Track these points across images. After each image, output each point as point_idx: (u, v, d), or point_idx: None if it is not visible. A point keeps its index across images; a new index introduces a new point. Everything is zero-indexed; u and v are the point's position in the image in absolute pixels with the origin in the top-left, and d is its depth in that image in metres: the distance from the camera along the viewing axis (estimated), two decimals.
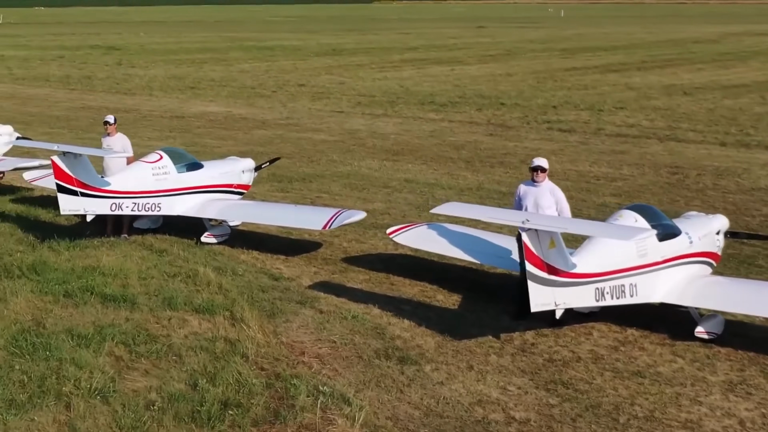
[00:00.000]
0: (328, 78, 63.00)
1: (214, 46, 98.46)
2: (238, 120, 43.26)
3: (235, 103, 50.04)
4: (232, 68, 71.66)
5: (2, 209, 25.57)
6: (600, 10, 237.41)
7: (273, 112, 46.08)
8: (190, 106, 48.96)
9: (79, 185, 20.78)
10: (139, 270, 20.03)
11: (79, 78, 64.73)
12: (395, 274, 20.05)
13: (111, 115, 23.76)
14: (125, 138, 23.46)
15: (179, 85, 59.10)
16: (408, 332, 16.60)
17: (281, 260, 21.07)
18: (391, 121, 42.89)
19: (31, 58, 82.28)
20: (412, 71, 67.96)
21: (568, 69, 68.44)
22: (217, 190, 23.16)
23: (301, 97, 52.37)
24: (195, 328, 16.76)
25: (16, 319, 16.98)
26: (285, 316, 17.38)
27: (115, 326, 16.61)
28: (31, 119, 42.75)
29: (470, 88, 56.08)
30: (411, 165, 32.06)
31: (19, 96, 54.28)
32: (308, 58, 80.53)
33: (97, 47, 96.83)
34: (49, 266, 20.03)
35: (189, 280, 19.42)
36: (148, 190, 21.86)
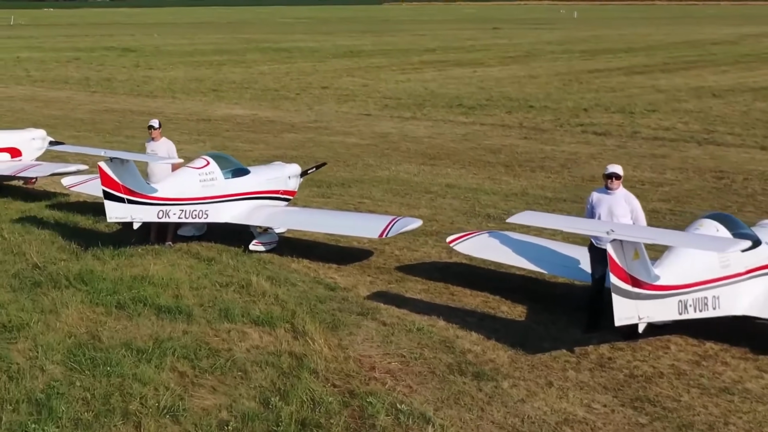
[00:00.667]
0: (351, 80, 62.23)
1: (230, 47, 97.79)
2: (266, 123, 42.56)
3: (259, 105, 49.34)
4: (252, 70, 70.86)
5: (40, 215, 24.84)
6: (612, 12, 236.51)
7: (300, 115, 45.32)
8: (214, 108, 48.23)
9: (126, 192, 20.12)
10: (190, 280, 19.38)
11: (98, 80, 64.01)
12: (454, 284, 19.39)
13: (155, 120, 23.10)
14: (170, 143, 22.82)
15: (201, 88, 58.39)
16: (478, 345, 15.95)
17: (334, 269, 20.37)
18: (421, 124, 42.18)
19: (47, 60, 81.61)
20: (434, 73, 67.23)
21: (591, 71, 67.54)
22: (263, 197, 22.25)
23: (326, 99, 51.64)
24: (256, 341, 16.09)
25: (69, 331, 16.34)
26: (348, 329, 16.73)
27: (173, 340, 15.98)
28: (55, 122, 42.09)
29: (496, 90, 55.31)
30: (450, 169, 31.37)
31: (39, 98, 53.65)
32: (327, 60, 79.87)
33: (111, 49, 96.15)
34: (96, 276, 19.38)
35: (242, 290, 18.73)
36: (196, 196, 21.23)
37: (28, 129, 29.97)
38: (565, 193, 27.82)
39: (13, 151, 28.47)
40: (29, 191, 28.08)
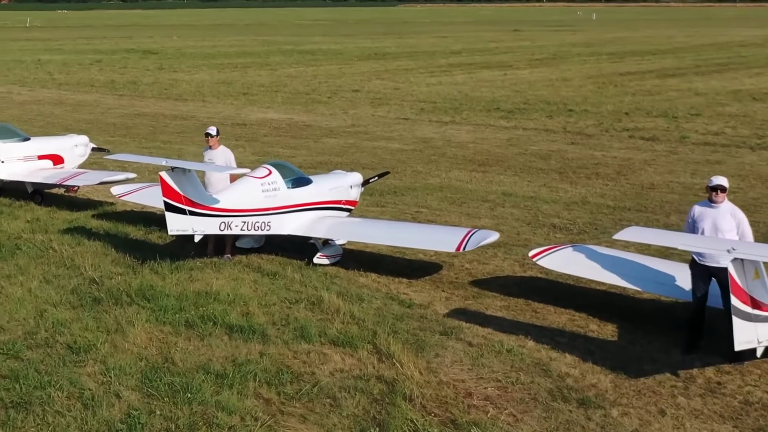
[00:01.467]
0: (381, 83, 61.32)
1: (252, 50, 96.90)
2: (303, 127, 41.57)
3: (293, 109, 48.39)
4: (278, 73, 70.02)
5: (88, 226, 24.00)
6: (629, 14, 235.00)
7: (336, 119, 44.36)
8: (247, 112, 47.33)
9: (188, 203, 19.12)
10: (257, 296, 18.33)
11: (124, 83, 63.10)
12: (534, 300, 18.45)
13: (213, 127, 22.06)
14: (228, 151, 21.80)
15: (230, 91, 57.45)
16: (575, 368, 14.96)
17: (405, 284, 19.41)
18: (462, 128, 41.24)
19: (69, 63, 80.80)
20: (463, 76, 66.32)
21: (623, 74, 66.55)
22: (326, 207, 21.20)
23: (359, 103, 50.69)
24: (339, 364, 15.11)
25: (140, 353, 15.36)
26: (433, 350, 15.77)
27: (252, 362, 15.03)
28: (87, 126, 41.14)
29: (531, 93, 54.29)
30: (502, 176, 30.41)
31: (67, 102, 52.76)
32: (352, 63, 79.03)
33: (132, 51, 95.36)
34: (158, 291, 18.41)
35: (314, 307, 17.79)
36: (258, 207, 20.24)
37: (70, 135, 29.03)
38: (627, 202, 26.82)
39: (56, 158, 27.67)
40: (73, 199, 27.21)
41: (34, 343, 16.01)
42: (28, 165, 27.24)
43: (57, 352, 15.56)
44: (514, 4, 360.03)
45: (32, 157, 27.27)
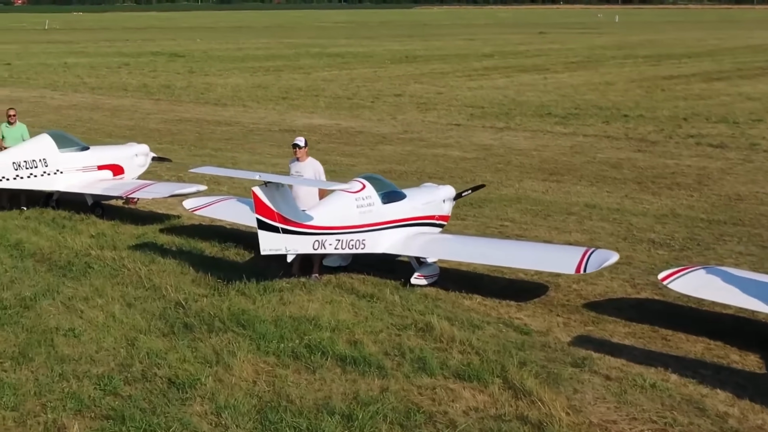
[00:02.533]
0: (421, 87, 59.87)
1: (279, 53, 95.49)
2: (354, 134, 40.13)
3: (338, 114, 46.94)
4: (312, 77, 68.61)
5: (157, 241, 22.88)
6: (649, 16, 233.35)
7: (386, 125, 42.97)
8: (292, 118, 45.89)
9: (281, 221, 17.54)
10: (360, 321, 16.73)
11: (158, 87, 61.71)
12: (660, 326, 16.99)
13: (301, 137, 20.54)
14: (317, 163, 20.29)
15: (268, 95, 56.05)
16: (733, 406, 13.70)
17: (514, 307, 17.97)
18: (519, 135, 39.92)
19: (97, 66, 79.44)
20: (503, 80, 65.01)
21: (665, 77, 65.14)
22: (420, 223, 19.65)
23: (405, 108, 49.31)
24: (470, 401, 13.77)
25: (249, 389, 14.00)
26: (570, 385, 14.26)
27: (376, 400, 13.47)
28: (130, 133, 39.75)
29: (579, 98, 52.93)
30: (579, 187, 29.01)
31: (104, 107, 51.40)
32: (386, 66, 77.52)
33: (158, 54, 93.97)
34: (251, 316, 16.94)
35: (425, 334, 16.40)
36: (353, 224, 18.70)
37: (130, 144, 27.65)
38: (719, 214, 25.45)
39: (116, 168, 26.28)
40: (134, 212, 25.89)
41: (130, 376, 14.60)
42: (87, 176, 25.64)
43: (158, 388, 14.14)
44: (531, 6, 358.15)
45: (92, 167, 25.83)
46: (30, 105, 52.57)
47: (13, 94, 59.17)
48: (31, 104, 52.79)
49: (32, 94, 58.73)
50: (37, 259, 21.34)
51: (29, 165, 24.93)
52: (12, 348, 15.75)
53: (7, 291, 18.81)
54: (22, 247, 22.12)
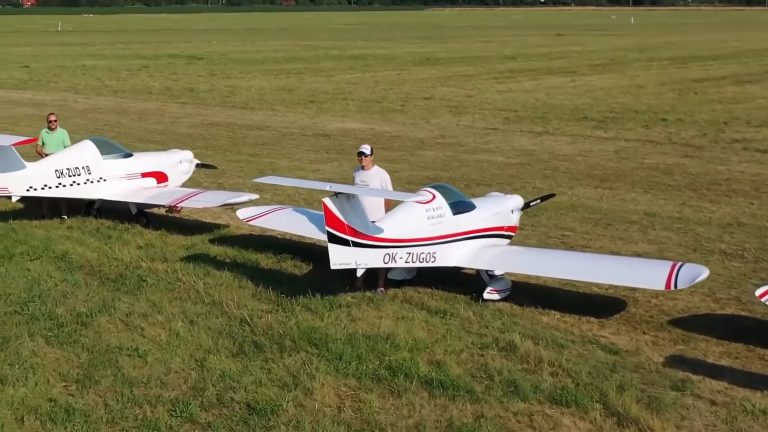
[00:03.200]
0: (449, 90, 59.06)
1: (298, 55, 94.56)
2: (391, 139, 39.20)
3: (370, 118, 46.04)
4: (336, 79, 67.74)
5: (210, 252, 22.15)
6: (666, 17, 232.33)
7: (421, 130, 42.08)
8: (323, 121, 44.95)
9: (352, 233, 16.57)
10: (437, 339, 15.85)
11: (182, 90, 60.83)
12: (756, 345, 15.87)
13: (367, 145, 19.62)
14: (383, 172, 19.39)
15: (295, 99, 55.21)
16: None
17: (595, 324, 17.16)
18: (559, 139, 39.01)
19: (116, 68, 78.48)
20: (531, 83, 64.10)
21: (695, 80, 64.30)
22: (490, 235, 18.66)
23: (437, 111, 48.48)
24: (572, 429, 13.09)
25: (336, 416, 13.36)
26: (675, 411, 13.41)
27: (473, 429, 12.93)
28: (162, 138, 38.94)
29: (612, 101, 52.21)
30: (633, 194, 28.19)
31: (129, 111, 50.45)
32: (408, 68, 76.62)
33: (176, 56, 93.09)
34: (321, 334, 16.14)
35: (509, 354, 15.59)
36: (424, 237, 17.79)
37: (173, 150, 26.75)
38: None
39: (159, 175, 25.26)
40: (179, 221, 25.17)
41: (206, 401, 13.73)
42: (131, 184, 24.67)
43: (238, 414, 13.36)
44: (542, 8, 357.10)
45: (135, 174, 24.87)
46: (54, 109, 51.22)
47: (35, 97, 58.29)
48: (56, 108, 51.64)
49: (54, 97, 57.77)
50: (87, 271, 20.46)
51: (72, 172, 24.03)
52: (76, 370, 14.88)
53: (61, 306, 17.86)
54: (69, 259, 21.19)
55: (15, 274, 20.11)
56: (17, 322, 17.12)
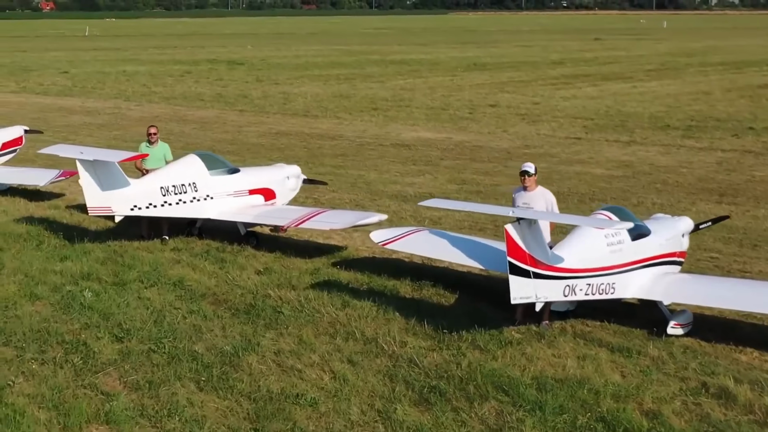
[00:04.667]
0: (511, 97, 57.25)
1: (339, 60, 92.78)
2: (474, 149, 37.60)
3: (443, 127, 44.34)
4: (389, 85, 66.24)
5: (339, 278, 20.62)
6: (697, 22, 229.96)
7: (501, 139, 40.42)
8: (395, 130, 43.29)
9: (532, 263, 14.59)
10: (636, 384, 14.44)
11: (235, 97, 59.03)
12: None
13: (530, 164, 17.75)
14: (549, 193, 17.50)
15: (356, 106, 53.46)
16: None
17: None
18: (650, 149, 37.52)
19: (157, 74, 76.70)
20: (591, 89, 62.29)
21: (760, 86, 62.40)
22: (664, 262, 16.69)
23: (509, 119, 46.84)
24: None
25: None
26: None
27: None
28: (232, 148, 37.22)
29: (687, 108, 50.60)
30: (763, 210, 26.10)
31: (188, 119, 48.69)
32: (459, 74, 75.10)
33: (216, 61, 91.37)
34: (504, 377, 14.21)
35: (729, 403, 14.31)
36: (605, 266, 15.84)
37: (279, 164, 25.00)
38: None
39: (267, 192, 23.48)
40: (290, 241, 23.86)
41: None
42: (239, 201, 22.76)
43: None
44: (566, 12, 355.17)
45: (243, 191, 22.97)
46: (110, 117, 50.02)
47: (85, 104, 56.71)
48: (111, 116, 50.22)
49: (106, 104, 56.04)
50: (211, 301, 18.68)
51: (178, 190, 22.21)
52: (245, 423, 13.17)
53: (198, 343, 16.04)
54: (187, 287, 19.39)
55: (134, 304, 18.30)
56: (158, 362, 15.25)
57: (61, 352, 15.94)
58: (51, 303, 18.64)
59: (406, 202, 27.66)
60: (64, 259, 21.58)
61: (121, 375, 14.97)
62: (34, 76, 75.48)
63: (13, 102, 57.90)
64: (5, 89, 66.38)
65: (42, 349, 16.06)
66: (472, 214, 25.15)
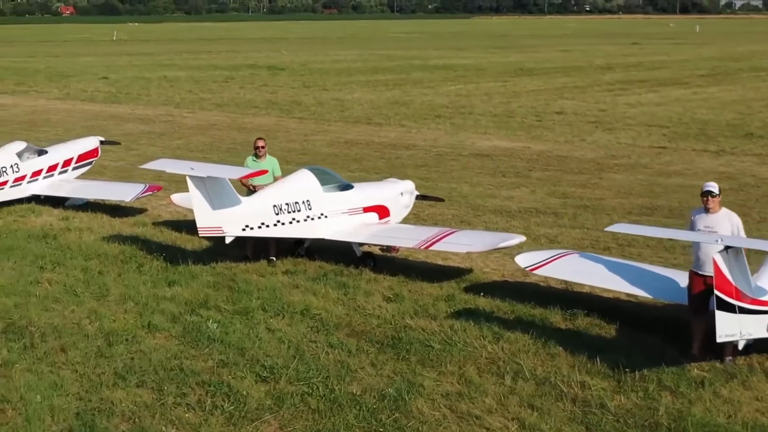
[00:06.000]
0: (574, 104, 55.80)
1: (380, 65, 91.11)
2: (559, 159, 36.09)
3: (516, 135, 43.02)
4: (441, 91, 64.96)
5: (477, 306, 19.11)
6: (726, 26, 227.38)
7: (582, 148, 39.04)
8: (468, 139, 41.84)
9: (737, 296, 12.77)
10: None
11: (288, 104, 57.46)
12: None
13: (714, 183, 15.99)
14: (734, 216, 15.67)
15: (417, 113, 51.86)
16: None
17: None
18: (747, 159, 35.74)
19: (200, 80, 75.05)
20: (651, 95, 60.76)
21: None
22: None
23: (582, 127, 45.35)
24: None
25: None
26: None
27: None
28: (305, 158, 35.55)
29: (761, 116, 48.87)
30: None
31: (246, 127, 47.30)
32: (509, 79, 73.50)
33: (254, 66, 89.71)
34: (712, 426, 12.13)
35: None
36: None
37: (392, 179, 23.43)
38: None
39: (381, 210, 21.89)
40: (410, 264, 22.04)
41: None
42: (354, 220, 21.11)
43: None
44: (591, 16, 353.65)
45: (357, 209, 21.30)
46: (165, 125, 48.43)
47: (135, 111, 55.13)
48: (166, 124, 48.60)
49: (156, 112, 54.36)
50: (348, 332, 17.10)
51: (291, 208, 20.49)
52: None
53: (353, 383, 14.36)
54: (315, 316, 17.75)
55: (266, 337, 16.66)
56: (318, 408, 13.69)
57: (204, 394, 14.15)
58: (173, 335, 16.92)
59: (513, 218, 26.11)
60: (172, 283, 19.92)
61: (282, 424, 13.24)
62: (74, 82, 73.92)
63: (60, 109, 56.51)
64: (49, 95, 64.90)
65: (182, 391, 14.39)
66: (588, 232, 23.49)
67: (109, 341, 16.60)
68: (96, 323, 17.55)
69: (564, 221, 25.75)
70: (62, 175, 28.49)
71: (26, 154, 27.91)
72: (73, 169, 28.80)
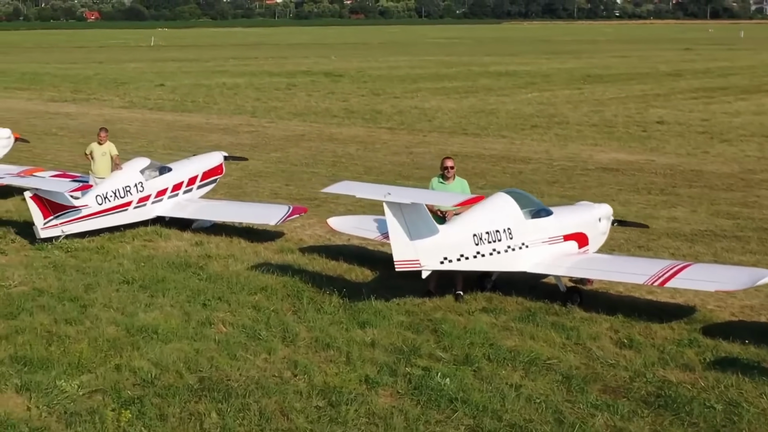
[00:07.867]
0: (668, 112, 53.90)
1: (438, 72, 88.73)
2: (697, 174, 34.10)
3: (630, 147, 40.94)
4: (518, 99, 62.74)
5: (736, 354, 16.74)
6: (763, 31, 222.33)
7: (711, 162, 37.01)
8: (581, 151, 39.82)
9: None
10: None
11: (368, 113, 55.00)
12: None
13: None
14: None
15: (512, 123, 49.23)
16: None
17: None
18: None
19: (262, 87, 72.69)
20: (742, 103, 58.76)
21: None
22: None
23: (697, 138, 43.60)
24: None
25: None
26: None
27: None
28: (420, 172, 32.87)
29: None
30: None
31: (338, 138, 45.15)
32: (582, 86, 70.85)
33: (310, 73, 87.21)
34: None
35: None
36: None
37: (585, 203, 21.87)
38: None
39: (580, 238, 20.37)
40: (613, 301, 19.03)
41: None
42: (555, 250, 18.65)
43: None
44: (623, 21, 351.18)
45: (557, 238, 19.00)
46: (252, 136, 46.15)
47: (211, 120, 52.89)
48: (253, 135, 46.26)
49: (233, 121, 52.03)
50: (600, 388, 15.41)
51: (492, 237, 17.93)
52: None
53: None
54: (550, 366, 15.41)
55: (510, 394, 14.22)
56: None
57: None
58: (401, 392, 14.30)
59: (693, 243, 23.51)
60: (364, 325, 17.35)
61: None
62: (132, 90, 71.67)
63: (131, 118, 54.23)
64: (113, 104, 62.71)
65: None
66: None
67: (330, 401, 13.94)
68: (303, 376, 14.88)
69: (752, 246, 23.10)
70: (187, 194, 25.88)
71: (149, 171, 25.31)
72: (198, 187, 26.36)
